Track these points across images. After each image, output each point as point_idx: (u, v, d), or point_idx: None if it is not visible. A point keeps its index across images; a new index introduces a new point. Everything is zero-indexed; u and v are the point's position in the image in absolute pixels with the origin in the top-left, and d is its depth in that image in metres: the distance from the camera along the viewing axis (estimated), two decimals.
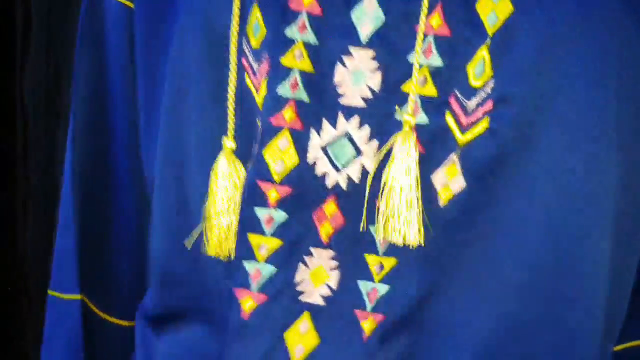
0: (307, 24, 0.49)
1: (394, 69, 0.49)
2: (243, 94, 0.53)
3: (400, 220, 0.49)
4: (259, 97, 0.51)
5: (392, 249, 0.50)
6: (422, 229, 0.49)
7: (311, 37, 0.49)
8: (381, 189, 0.49)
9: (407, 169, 0.49)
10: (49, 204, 0.91)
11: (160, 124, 0.58)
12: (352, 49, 0.49)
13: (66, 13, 0.91)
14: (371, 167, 0.50)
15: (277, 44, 0.50)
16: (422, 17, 0.48)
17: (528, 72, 0.48)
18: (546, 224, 0.50)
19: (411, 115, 0.48)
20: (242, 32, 0.52)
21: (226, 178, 0.53)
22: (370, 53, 0.49)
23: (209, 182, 0.53)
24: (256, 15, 0.51)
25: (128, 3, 0.62)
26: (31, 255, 0.93)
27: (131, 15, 0.62)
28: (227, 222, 0.53)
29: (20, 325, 0.94)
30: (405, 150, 0.49)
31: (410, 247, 0.49)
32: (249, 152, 0.53)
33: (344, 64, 0.49)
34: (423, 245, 0.49)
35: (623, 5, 0.50)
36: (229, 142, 0.53)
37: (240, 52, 0.51)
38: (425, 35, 0.48)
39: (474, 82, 0.48)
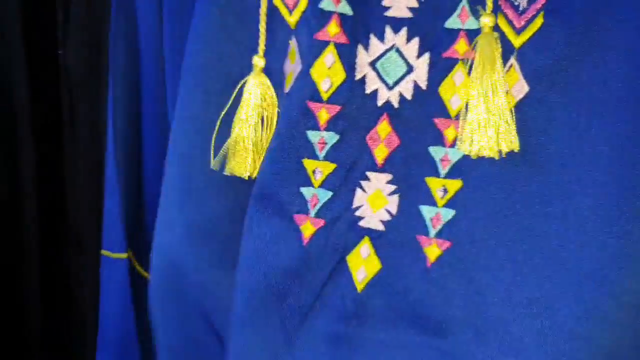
0: None
1: None
2: (271, 14, 0.53)
3: (492, 129, 0.46)
4: (294, 15, 0.51)
5: (456, 170, 0.49)
6: (514, 142, 0.46)
7: None
8: (466, 100, 0.47)
9: (497, 73, 0.46)
10: (97, 162, 0.96)
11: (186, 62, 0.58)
12: None
13: None
14: (425, 83, 0.48)
15: None
16: None
17: None
18: (605, 134, 0.47)
19: (489, 15, 0.46)
20: None
21: (257, 96, 0.53)
22: None
23: (243, 96, 0.53)
24: None
25: None
26: (82, 213, 0.98)
27: None
28: (253, 141, 0.53)
29: (75, 284, 1.00)
30: (489, 54, 0.46)
31: (483, 165, 0.47)
32: (279, 75, 0.53)
33: None
34: (517, 151, 0.46)
35: None
36: (259, 61, 0.53)
37: None
38: None
39: None
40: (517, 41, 0.47)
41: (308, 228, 0.52)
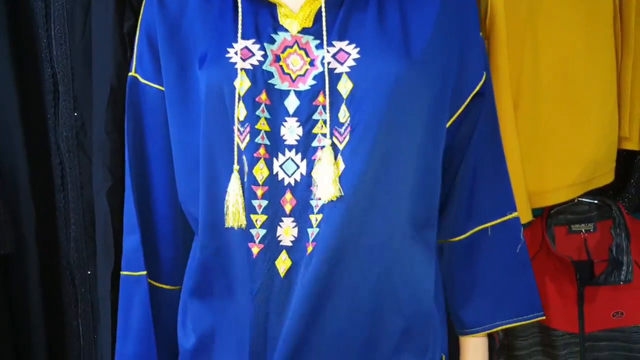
0: (265, 113, 0.92)
1: (308, 125, 0.92)
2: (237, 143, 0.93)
3: (328, 188, 0.90)
4: (244, 144, 0.92)
5: (320, 210, 0.92)
6: (338, 191, 0.91)
7: (267, 115, 0.91)
8: (315, 177, 0.92)
9: (330, 164, 0.90)
10: (85, 218, 1.27)
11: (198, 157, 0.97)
12: (287, 118, 0.93)
13: (84, 77, 1.25)
14: (305, 172, 0.93)
15: (253, 119, 0.91)
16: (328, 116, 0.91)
17: (370, 115, 0.91)
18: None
19: (328, 141, 0.91)
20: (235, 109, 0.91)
21: (235, 187, 0.94)
22: (295, 120, 0.92)
23: (228, 189, 0.94)
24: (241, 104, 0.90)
25: (159, 87, 1.02)
26: (73, 250, 1.28)
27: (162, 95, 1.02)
28: (237, 209, 0.94)
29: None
30: (327, 156, 0.91)
31: (332, 204, 0.90)
32: (243, 172, 0.93)
33: (284, 125, 0.92)
34: (335, 200, 0.91)
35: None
36: (235, 167, 0.93)
37: (235, 121, 0.93)
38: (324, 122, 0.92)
39: (342, 121, 0.91)
40: (341, 146, 0.92)
41: (255, 249, 0.94)
